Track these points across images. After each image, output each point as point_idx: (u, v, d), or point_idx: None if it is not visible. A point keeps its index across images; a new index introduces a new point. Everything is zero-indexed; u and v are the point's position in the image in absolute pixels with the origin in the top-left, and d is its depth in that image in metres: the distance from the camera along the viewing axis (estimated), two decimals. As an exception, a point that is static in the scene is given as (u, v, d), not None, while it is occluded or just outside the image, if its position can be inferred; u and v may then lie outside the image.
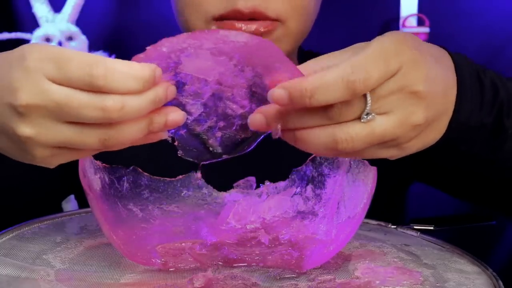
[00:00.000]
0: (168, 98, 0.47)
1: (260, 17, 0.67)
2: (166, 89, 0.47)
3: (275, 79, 0.48)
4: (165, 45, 0.46)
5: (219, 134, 0.52)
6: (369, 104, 0.45)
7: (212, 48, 0.47)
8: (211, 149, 0.53)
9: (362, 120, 0.45)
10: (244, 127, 0.51)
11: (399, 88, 0.46)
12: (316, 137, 0.46)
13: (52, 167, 0.49)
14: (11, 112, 0.45)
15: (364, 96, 0.44)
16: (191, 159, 0.53)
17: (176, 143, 0.52)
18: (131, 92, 0.44)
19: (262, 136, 0.52)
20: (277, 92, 0.46)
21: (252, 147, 0.53)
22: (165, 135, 0.50)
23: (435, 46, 0.52)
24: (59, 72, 0.44)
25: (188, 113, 0.51)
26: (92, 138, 0.45)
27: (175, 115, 0.48)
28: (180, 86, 0.50)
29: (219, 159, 0.53)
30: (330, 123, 0.45)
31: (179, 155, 0.53)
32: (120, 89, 0.44)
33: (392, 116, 0.46)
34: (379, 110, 0.45)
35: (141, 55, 0.46)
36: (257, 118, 0.47)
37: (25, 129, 0.45)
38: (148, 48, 0.47)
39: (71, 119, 0.45)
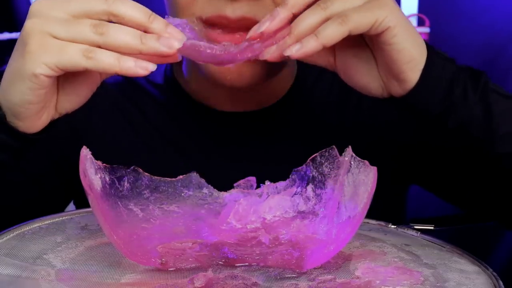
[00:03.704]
0: (165, 30, 0.56)
1: (249, 24, 0.67)
2: (164, 21, 0.57)
3: None
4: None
5: None
6: None
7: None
8: None
9: None
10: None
11: None
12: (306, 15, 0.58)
13: (39, 69, 0.54)
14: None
15: None
16: None
17: None
18: None
19: None
20: (253, 29, 0.59)
21: None
22: (178, 57, 0.57)
23: None
24: None
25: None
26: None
27: (175, 31, 0.56)
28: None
29: None
30: None
31: None
32: None
33: None
34: None
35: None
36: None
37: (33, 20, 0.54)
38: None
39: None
